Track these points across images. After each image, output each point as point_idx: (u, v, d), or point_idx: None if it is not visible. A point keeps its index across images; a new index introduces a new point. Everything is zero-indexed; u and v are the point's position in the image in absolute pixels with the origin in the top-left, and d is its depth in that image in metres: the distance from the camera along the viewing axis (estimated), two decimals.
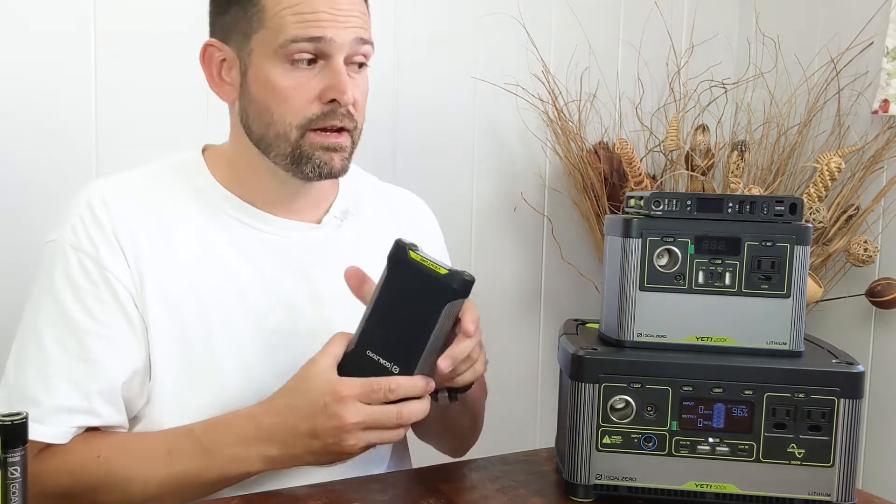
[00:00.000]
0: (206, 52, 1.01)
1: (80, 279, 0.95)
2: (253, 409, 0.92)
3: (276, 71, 0.95)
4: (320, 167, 0.98)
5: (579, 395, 0.87)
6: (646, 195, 0.91)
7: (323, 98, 0.96)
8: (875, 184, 1.71)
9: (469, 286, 0.88)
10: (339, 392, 0.87)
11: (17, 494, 0.68)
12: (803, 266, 0.89)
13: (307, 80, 0.95)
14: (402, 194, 1.20)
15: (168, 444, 0.93)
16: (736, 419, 0.86)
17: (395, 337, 0.89)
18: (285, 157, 0.98)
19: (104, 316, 0.95)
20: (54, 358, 0.94)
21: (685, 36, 1.93)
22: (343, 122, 0.97)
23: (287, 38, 0.94)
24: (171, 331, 0.97)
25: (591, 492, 0.88)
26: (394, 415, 0.87)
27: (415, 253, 0.89)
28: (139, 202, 0.99)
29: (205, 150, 1.06)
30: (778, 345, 0.90)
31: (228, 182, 1.03)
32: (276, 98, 0.96)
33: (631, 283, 0.90)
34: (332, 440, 0.87)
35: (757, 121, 1.81)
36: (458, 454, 1.18)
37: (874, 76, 1.69)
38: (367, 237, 1.09)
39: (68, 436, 0.93)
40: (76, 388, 0.93)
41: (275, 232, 1.03)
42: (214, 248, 1.00)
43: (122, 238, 0.96)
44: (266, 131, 0.98)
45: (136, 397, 0.97)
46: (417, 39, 1.70)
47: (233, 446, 0.91)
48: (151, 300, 0.96)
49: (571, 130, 1.79)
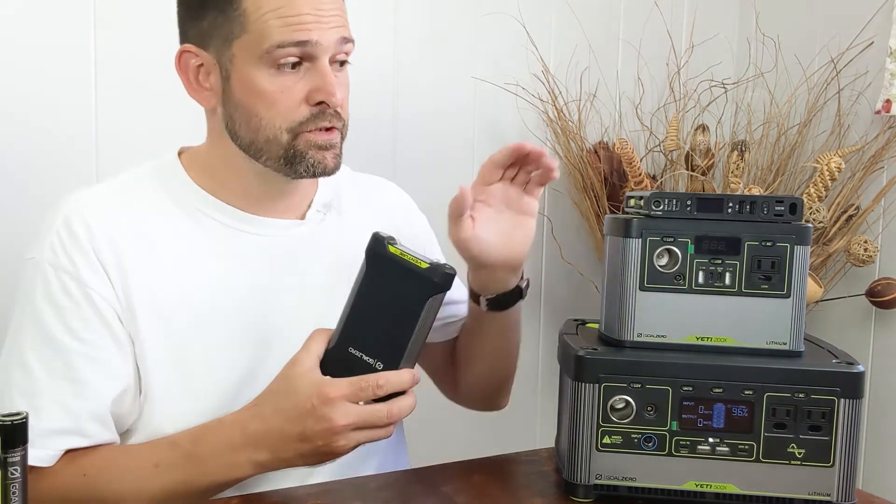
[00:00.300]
0: (181, 58, 1.00)
1: (62, 298, 0.93)
2: (238, 415, 0.91)
3: (262, 76, 0.94)
4: (314, 166, 0.97)
5: (579, 395, 0.87)
6: (646, 195, 0.91)
7: (311, 100, 0.95)
8: (875, 184, 1.71)
9: (451, 280, 0.87)
10: (326, 394, 0.86)
11: (18, 494, 0.68)
12: (803, 266, 0.89)
13: (293, 83, 0.95)
14: (375, 183, 1.19)
15: (154, 458, 0.92)
16: (736, 419, 0.86)
17: (377, 333, 0.88)
18: (278, 159, 0.97)
19: (88, 334, 0.94)
20: (40, 380, 0.92)
21: (685, 36, 1.93)
22: (332, 122, 0.97)
23: (272, 44, 0.92)
24: (163, 340, 0.96)
25: (591, 492, 0.88)
26: (384, 413, 0.87)
27: (393, 247, 0.88)
28: (118, 215, 0.98)
29: (181, 154, 1.05)
30: (778, 345, 0.90)
31: (208, 185, 1.01)
32: (263, 103, 0.95)
33: (631, 283, 0.90)
34: (322, 442, 0.87)
35: (757, 121, 1.81)
36: (495, 397, 1.18)
37: (874, 76, 1.69)
38: (350, 228, 1.09)
39: (56, 458, 0.92)
40: (64, 409, 0.92)
41: (259, 232, 1.02)
42: (200, 253, 0.99)
43: (103, 255, 0.95)
44: (255, 136, 0.97)
45: (126, 413, 0.96)
46: (417, 39, 1.70)
47: (221, 454, 0.90)
48: (141, 313, 0.95)
49: (571, 130, 1.79)
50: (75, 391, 0.92)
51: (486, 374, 1.14)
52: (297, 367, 0.89)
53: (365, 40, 1.65)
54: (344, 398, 0.86)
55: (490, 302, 1.03)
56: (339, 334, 0.90)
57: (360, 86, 1.61)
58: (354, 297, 0.89)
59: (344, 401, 0.86)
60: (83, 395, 0.93)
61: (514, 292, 1.04)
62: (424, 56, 1.71)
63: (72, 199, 0.99)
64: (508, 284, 1.03)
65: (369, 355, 0.88)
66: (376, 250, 0.88)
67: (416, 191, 1.24)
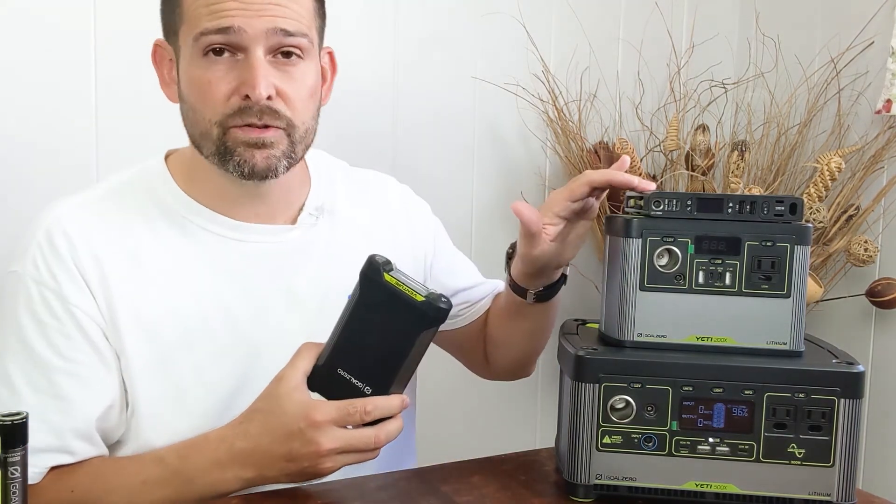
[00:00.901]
0: (155, 52, 0.99)
1: (45, 315, 0.92)
2: (223, 432, 0.90)
3: (194, 66, 0.92)
4: (241, 165, 0.92)
5: (579, 395, 0.87)
6: (646, 195, 0.91)
7: (239, 93, 0.91)
8: (875, 184, 1.71)
9: (445, 314, 0.85)
10: (313, 417, 0.85)
11: (18, 494, 0.68)
12: (803, 266, 0.89)
13: (223, 74, 0.91)
14: (372, 179, 1.16)
15: (142, 475, 0.91)
16: (736, 419, 0.86)
17: (367, 358, 0.87)
18: (213, 155, 0.94)
19: (72, 352, 0.92)
20: (24, 397, 0.90)
21: (685, 36, 1.93)
22: (263, 118, 0.91)
23: (199, 31, 0.90)
24: (150, 355, 0.94)
25: (592, 492, 0.88)
26: (371, 439, 0.86)
27: (388, 274, 0.85)
28: (101, 227, 0.95)
29: (168, 156, 1.03)
30: (778, 345, 0.90)
31: (192, 190, 0.99)
32: (196, 94, 0.93)
33: (631, 283, 0.90)
34: (307, 464, 0.86)
35: (757, 121, 1.81)
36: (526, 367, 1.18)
37: (874, 76, 1.69)
38: (344, 230, 1.06)
39: (42, 475, 0.91)
40: (49, 427, 0.90)
41: (246, 238, 0.99)
42: (186, 263, 0.97)
43: (86, 270, 0.93)
44: (193, 130, 0.95)
45: (113, 428, 0.95)
46: (417, 39, 1.70)
47: (208, 471, 0.89)
48: (126, 328, 0.93)
49: (571, 130, 1.79)
50: (59, 408, 0.91)
51: (524, 351, 1.15)
52: (284, 384, 0.87)
53: (365, 40, 1.66)
54: (332, 422, 0.85)
55: (537, 295, 1.05)
56: (328, 354, 0.88)
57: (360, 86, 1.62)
58: (346, 319, 0.87)
59: (331, 425, 0.85)
60: (67, 412, 0.91)
61: (559, 281, 1.05)
62: (425, 56, 1.71)
63: (54, 210, 0.96)
64: (555, 277, 1.04)
65: (358, 378, 0.87)
66: (370, 276, 0.86)
67: (416, 190, 1.24)
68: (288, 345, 0.90)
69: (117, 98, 1.43)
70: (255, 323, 0.98)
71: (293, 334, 0.93)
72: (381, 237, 1.09)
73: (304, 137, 0.96)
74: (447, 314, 0.85)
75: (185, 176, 1.00)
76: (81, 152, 1.42)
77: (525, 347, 1.14)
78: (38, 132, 1.39)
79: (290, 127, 0.94)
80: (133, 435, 0.96)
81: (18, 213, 1.36)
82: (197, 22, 0.91)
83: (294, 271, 1.01)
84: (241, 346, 0.97)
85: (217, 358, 0.96)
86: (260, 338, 0.98)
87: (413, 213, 1.16)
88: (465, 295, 1.14)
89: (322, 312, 0.94)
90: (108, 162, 1.43)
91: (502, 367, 1.18)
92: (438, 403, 1.20)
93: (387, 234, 1.10)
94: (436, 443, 1.38)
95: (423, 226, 1.16)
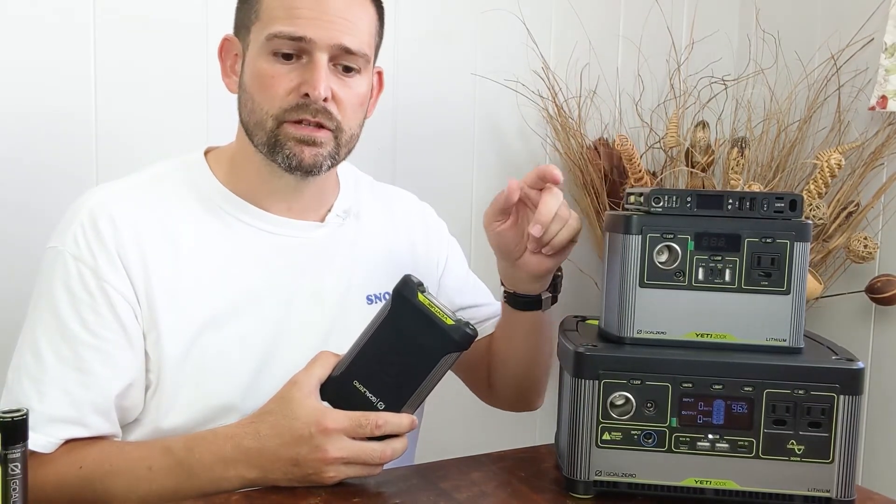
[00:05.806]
0: (223, 46, 1.05)
1: (79, 290, 0.95)
2: (233, 430, 0.92)
3: (261, 61, 0.98)
4: (290, 158, 0.98)
5: (579, 392, 0.87)
6: (646, 192, 0.91)
7: (299, 91, 0.97)
8: (875, 180, 1.71)
9: (471, 340, 0.88)
10: (324, 424, 0.87)
11: (18, 491, 0.68)
12: (803, 263, 0.89)
13: (287, 72, 0.97)
14: (395, 194, 1.21)
15: (148, 460, 0.92)
16: (735, 416, 0.86)
17: (386, 374, 0.89)
18: (264, 145, 0.99)
19: (100, 328, 0.95)
20: (49, 367, 0.94)
21: (685, 32, 1.93)
22: (318, 117, 0.97)
23: (272, 32, 0.96)
24: (180, 335, 0.97)
25: (591, 488, 0.88)
26: (377, 454, 0.88)
27: (422, 295, 0.88)
28: (143, 212, 0.99)
29: (208, 153, 1.07)
30: (778, 341, 0.90)
31: (231, 182, 1.04)
32: (258, 86, 0.98)
33: (631, 279, 0.90)
34: (311, 470, 0.88)
35: (757, 117, 1.80)
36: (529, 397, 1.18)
37: (874, 73, 1.69)
38: (368, 235, 1.11)
39: (56, 446, 0.93)
40: (68, 397, 0.93)
41: (279, 231, 1.04)
42: (220, 249, 1.01)
43: (126, 253, 0.96)
44: (249, 119, 1.00)
45: (131, 407, 0.98)
46: (417, 36, 1.70)
47: (212, 466, 0.90)
48: (162, 308, 0.96)
49: (571, 127, 1.79)
50: (81, 381, 0.94)
51: (519, 375, 1.16)
52: (297, 389, 0.89)
53: None
54: (342, 431, 0.87)
55: (507, 297, 1.07)
56: (347, 365, 0.90)
57: None
58: (371, 334, 0.89)
59: (341, 434, 0.87)
60: (88, 385, 0.94)
61: (533, 299, 1.06)
62: (425, 53, 1.71)
63: (97, 194, 1.01)
64: (530, 290, 1.05)
65: (373, 392, 0.89)
66: (404, 294, 0.88)
67: (416, 188, 1.24)
68: (308, 336, 0.95)
69: (117, 99, 1.43)
70: (279, 312, 1.01)
71: (314, 326, 0.97)
72: (401, 248, 1.14)
73: (349, 142, 1.02)
74: (472, 340, 0.88)
75: (225, 169, 1.05)
76: (82, 151, 1.42)
77: (522, 369, 1.15)
78: (38, 133, 1.39)
79: (338, 130, 1.00)
80: (150, 416, 0.98)
81: (19, 212, 1.37)
82: (272, 22, 0.97)
83: (320, 267, 1.05)
84: (265, 334, 1.00)
85: (241, 342, 0.99)
86: (283, 328, 1.01)
87: (431, 230, 1.21)
88: (471, 312, 1.17)
89: (342, 309, 0.99)
90: (108, 162, 1.43)
91: (504, 393, 1.19)
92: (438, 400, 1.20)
93: (405, 246, 1.15)
94: (435, 439, 1.38)
95: (438, 242, 1.21)
